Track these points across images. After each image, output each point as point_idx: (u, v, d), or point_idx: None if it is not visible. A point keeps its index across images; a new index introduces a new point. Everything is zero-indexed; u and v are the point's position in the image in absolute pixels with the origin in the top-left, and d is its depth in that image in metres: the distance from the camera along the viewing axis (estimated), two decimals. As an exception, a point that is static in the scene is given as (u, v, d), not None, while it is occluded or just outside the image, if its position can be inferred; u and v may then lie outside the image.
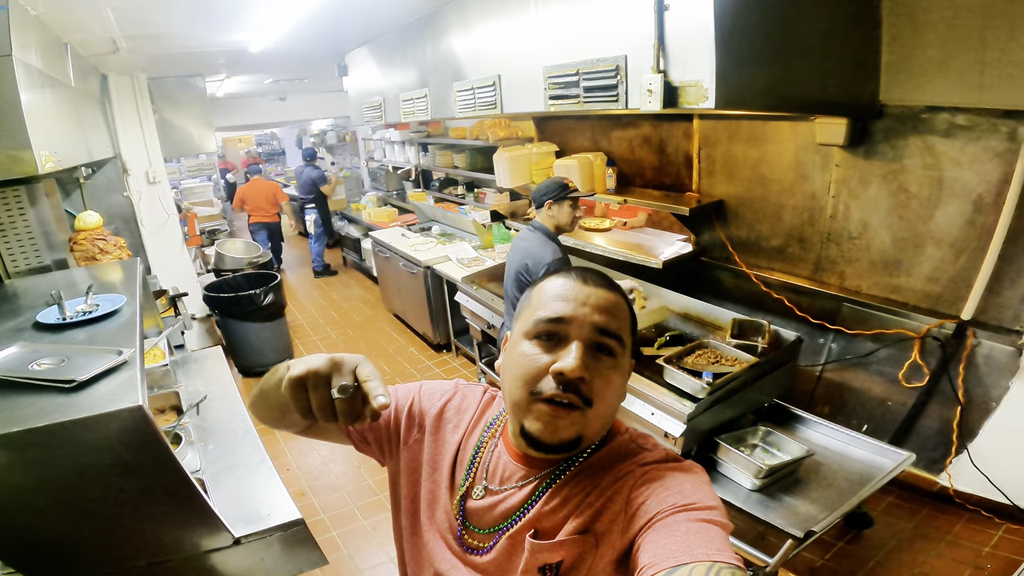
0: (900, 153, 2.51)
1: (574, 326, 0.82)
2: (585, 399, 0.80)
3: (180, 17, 2.85)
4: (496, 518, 0.89)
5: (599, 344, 0.82)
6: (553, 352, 0.82)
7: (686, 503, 0.75)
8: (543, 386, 0.80)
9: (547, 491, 0.86)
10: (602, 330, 0.82)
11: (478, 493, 0.92)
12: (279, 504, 1.93)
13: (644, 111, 1.80)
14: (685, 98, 1.71)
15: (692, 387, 2.32)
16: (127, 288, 2.08)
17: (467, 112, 2.99)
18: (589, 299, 0.84)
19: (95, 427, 1.27)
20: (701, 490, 0.78)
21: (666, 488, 0.78)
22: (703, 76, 1.65)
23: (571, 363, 0.78)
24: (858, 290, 2.83)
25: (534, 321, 0.84)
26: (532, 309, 0.86)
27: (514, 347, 0.87)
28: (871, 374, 2.84)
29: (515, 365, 0.84)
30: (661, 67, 1.76)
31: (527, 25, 2.44)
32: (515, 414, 0.85)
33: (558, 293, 0.85)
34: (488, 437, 0.97)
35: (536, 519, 0.85)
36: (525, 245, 2.86)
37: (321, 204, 7.80)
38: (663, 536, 0.72)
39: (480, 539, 0.90)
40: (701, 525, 0.72)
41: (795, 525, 2.02)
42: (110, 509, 1.42)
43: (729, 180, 3.22)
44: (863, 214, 2.69)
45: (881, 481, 2.19)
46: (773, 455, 2.36)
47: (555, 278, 0.89)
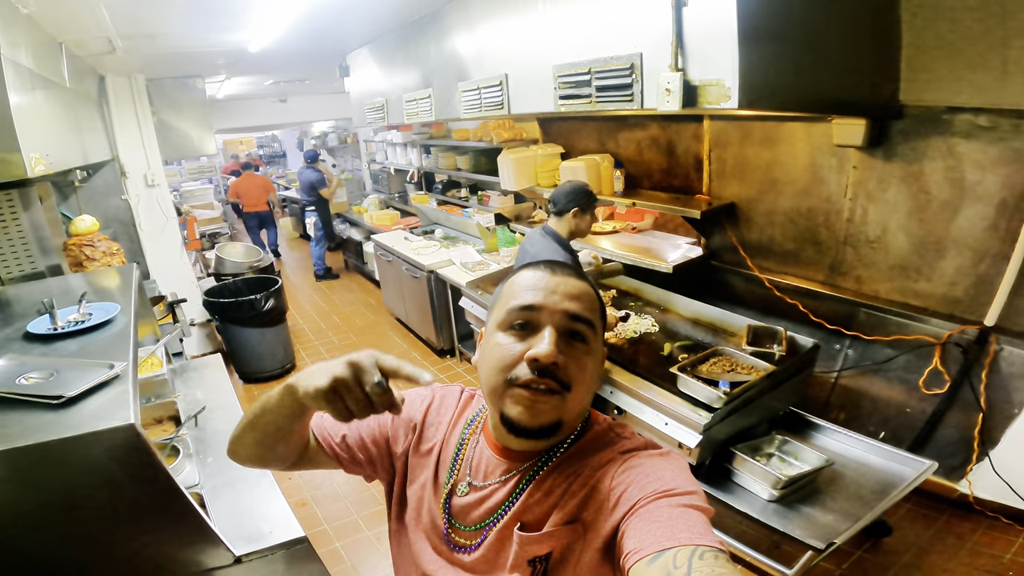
0: (920, 155, 2.43)
1: (545, 313, 0.84)
2: (562, 383, 0.82)
3: (176, 16, 2.79)
4: (482, 514, 0.90)
5: (571, 330, 0.84)
6: (527, 340, 0.83)
7: (667, 489, 0.76)
8: (519, 372, 0.82)
9: (531, 483, 0.87)
10: (573, 316, 0.84)
11: (463, 490, 0.93)
12: (281, 520, 1.86)
13: (662, 111, 1.73)
14: (705, 98, 1.63)
15: (708, 396, 2.24)
16: (122, 296, 2.01)
17: (473, 113, 2.91)
18: (559, 287, 0.86)
19: (84, 446, 1.20)
20: (681, 476, 0.79)
21: (647, 475, 0.79)
22: (725, 75, 1.58)
23: (545, 348, 0.80)
24: (876, 295, 2.75)
25: (507, 311, 0.86)
26: (504, 301, 0.88)
27: (489, 339, 0.89)
28: (889, 381, 2.77)
29: (490, 355, 0.86)
30: (679, 65, 1.69)
31: (535, 23, 2.36)
32: (493, 402, 0.86)
33: (528, 284, 0.87)
34: (469, 434, 0.98)
35: (522, 512, 0.86)
36: (535, 251, 2.74)
37: (321, 207, 7.68)
38: (646, 522, 0.73)
39: (467, 536, 0.92)
40: (683, 510, 0.73)
41: (815, 536, 1.95)
42: (102, 528, 1.36)
43: (741, 182, 3.14)
44: (881, 217, 2.62)
45: (904, 491, 2.13)
46: (790, 464, 2.30)
47: (525, 270, 0.91)
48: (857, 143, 2.51)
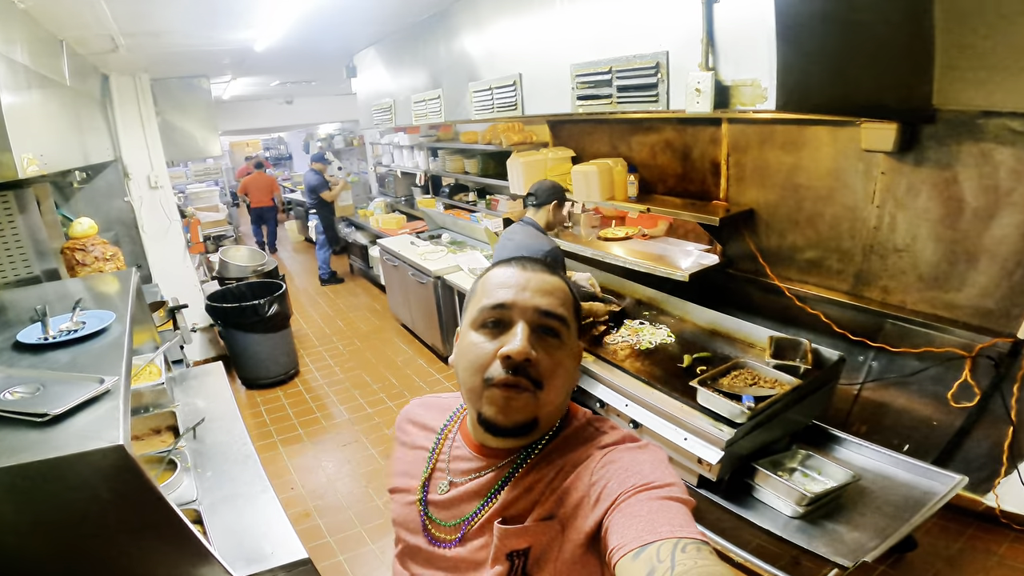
0: (953, 161, 2.33)
1: (517, 311, 0.84)
2: (535, 381, 0.82)
3: (179, 12, 2.72)
4: (462, 510, 0.90)
5: (544, 326, 0.85)
6: (500, 338, 0.84)
7: (645, 482, 0.76)
8: (493, 372, 0.82)
9: (510, 480, 0.87)
10: (545, 312, 0.84)
11: (443, 488, 0.94)
12: (283, 540, 1.77)
13: (690, 113, 1.62)
14: (739, 98, 1.53)
15: (730, 411, 2.15)
16: (118, 303, 1.92)
17: (484, 114, 2.82)
18: (530, 283, 0.86)
19: (69, 468, 1.13)
20: (659, 468, 0.79)
21: (625, 469, 0.79)
22: (761, 74, 1.48)
23: (517, 345, 0.80)
24: (903, 305, 2.64)
25: (479, 310, 0.86)
26: (476, 300, 0.89)
27: (463, 338, 0.89)
28: (915, 393, 2.66)
29: (465, 355, 0.86)
30: (710, 64, 1.59)
31: (552, 20, 2.27)
32: (471, 403, 0.87)
33: (500, 281, 0.88)
34: (446, 431, 0.99)
35: (502, 508, 0.86)
36: (520, 240, 2.92)
37: (323, 210, 7.58)
38: (627, 517, 0.73)
39: (446, 532, 0.92)
40: (662, 503, 0.73)
41: (842, 554, 1.87)
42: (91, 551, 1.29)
43: (760, 188, 3.04)
44: (911, 225, 2.51)
45: (936, 506, 2.03)
46: (814, 479, 2.21)
47: (496, 268, 0.92)
48: (887, 148, 2.40)
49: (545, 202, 3.01)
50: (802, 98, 1.56)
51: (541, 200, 3.01)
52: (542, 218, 3.02)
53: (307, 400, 4.59)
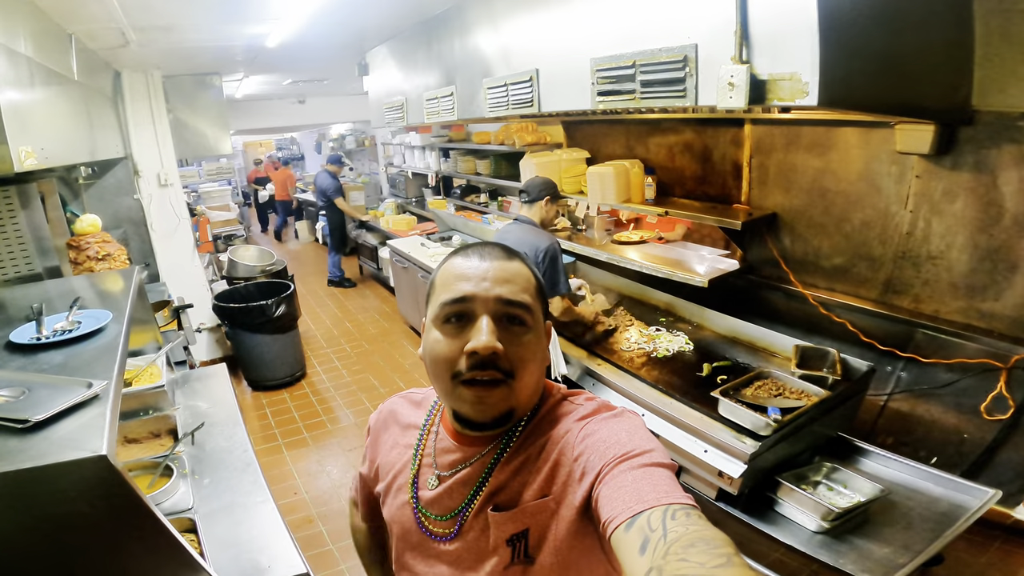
0: (992, 164, 2.22)
1: (478, 303, 0.83)
2: (506, 372, 0.81)
3: (190, 5, 2.65)
4: (454, 502, 0.90)
5: (508, 315, 0.83)
6: (464, 333, 0.82)
7: (625, 452, 0.76)
8: (461, 366, 0.81)
9: (496, 464, 0.87)
10: (507, 301, 0.83)
11: (432, 483, 0.92)
12: (282, 552, 1.70)
13: (723, 108, 1.52)
14: (776, 93, 1.43)
15: (754, 423, 2.05)
16: (118, 302, 1.85)
17: (499, 111, 2.73)
18: (488, 273, 0.84)
19: (49, 478, 1.06)
20: (637, 435, 0.79)
21: (604, 441, 0.79)
22: (801, 68, 1.38)
23: (482, 340, 0.79)
24: (936, 315, 2.52)
25: (439, 305, 0.85)
26: (437, 294, 0.87)
27: (428, 335, 0.87)
28: (946, 405, 2.54)
29: (432, 352, 0.85)
30: (744, 57, 1.49)
31: (571, 13, 2.18)
32: (445, 399, 0.89)
33: (457, 273, 0.86)
34: (428, 425, 0.99)
35: (492, 494, 0.86)
36: (515, 237, 2.89)
37: (332, 212, 7.41)
38: (613, 489, 0.73)
39: (443, 525, 0.91)
40: (644, 471, 0.73)
41: (870, 571, 1.78)
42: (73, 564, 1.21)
43: (785, 191, 2.93)
44: (946, 231, 2.39)
45: (968, 521, 1.93)
46: (840, 493, 2.10)
47: (453, 259, 0.90)
48: (923, 150, 2.29)
49: (537, 198, 2.98)
50: (845, 95, 1.46)
51: (533, 196, 2.99)
52: (536, 214, 3.01)
53: (313, 403, 4.52)
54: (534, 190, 3.00)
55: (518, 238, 2.88)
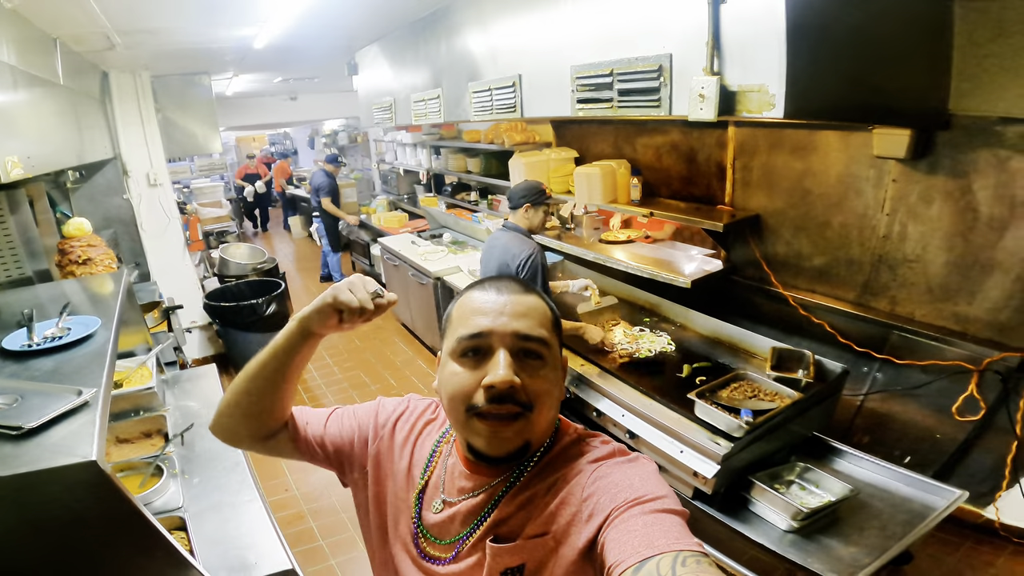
0: (967, 168, 2.26)
1: (495, 337, 0.83)
2: (523, 405, 0.81)
3: (174, 10, 2.67)
4: (456, 528, 0.90)
5: (525, 350, 0.84)
6: (481, 367, 0.83)
7: (637, 496, 0.76)
8: (477, 400, 0.81)
9: (503, 497, 0.87)
10: (524, 336, 0.84)
11: (437, 506, 0.93)
12: (269, 550, 1.74)
13: (693, 119, 1.56)
14: (745, 105, 1.47)
15: (728, 425, 2.10)
16: (106, 307, 1.89)
17: (483, 115, 2.77)
18: (505, 308, 0.85)
19: (41, 483, 1.11)
20: (650, 481, 0.79)
21: (616, 485, 0.79)
22: (769, 80, 1.41)
23: (499, 375, 0.80)
24: (911, 317, 2.58)
25: (457, 340, 0.85)
26: (454, 328, 0.88)
27: (444, 367, 0.88)
28: (919, 406, 2.60)
29: (448, 385, 0.86)
30: (716, 68, 1.52)
31: (552, 20, 2.21)
32: (459, 431, 0.88)
33: (475, 308, 0.87)
34: (440, 448, 0.99)
35: (494, 525, 0.86)
36: (502, 244, 2.91)
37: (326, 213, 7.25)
38: (622, 533, 0.72)
39: (441, 549, 0.91)
40: (656, 516, 0.73)
41: (836, 570, 1.81)
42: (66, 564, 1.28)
43: (767, 193, 2.97)
44: (922, 234, 2.44)
45: (932, 522, 1.97)
46: (812, 493, 2.14)
47: (469, 292, 0.91)
48: (900, 155, 2.33)
49: (517, 205, 2.96)
50: (812, 105, 1.49)
51: (514, 203, 2.98)
52: (521, 220, 2.99)
53: (304, 400, 4.56)
54: (515, 196, 3.00)
55: (503, 246, 2.89)
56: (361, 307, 0.93)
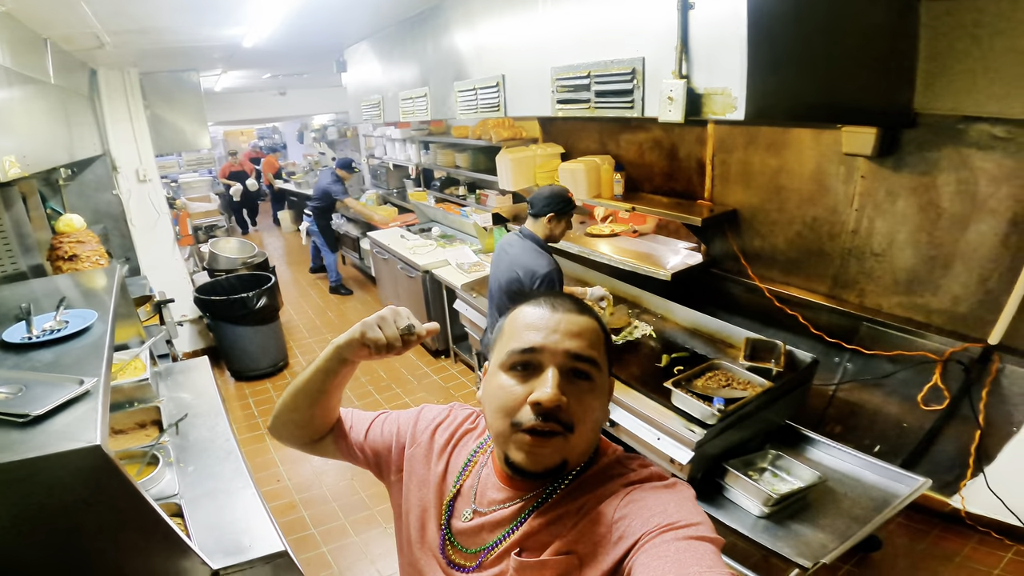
0: (932, 166, 2.36)
1: (547, 354, 0.83)
2: (566, 425, 0.81)
3: (164, 11, 2.70)
4: (483, 538, 0.91)
5: (575, 370, 0.83)
6: (529, 382, 0.83)
7: (670, 522, 0.75)
8: (522, 417, 0.81)
9: (533, 512, 0.87)
10: (575, 356, 0.83)
11: (467, 515, 0.94)
12: (261, 533, 1.81)
13: (663, 121, 1.64)
14: (710, 107, 1.55)
15: (702, 413, 2.19)
16: (101, 301, 1.95)
17: (468, 113, 2.84)
18: (560, 326, 0.85)
19: (48, 467, 1.17)
20: (685, 507, 0.78)
21: (649, 509, 0.78)
22: (731, 83, 1.48)
23: (547, 393, 0.79)
24: (879, 309, 2.69)
25: (508, 353, 0.86)
26: (505, 341, 0.88)
27: (491, 379, 0.88)
28: (887, 395, 2.71)
29: (493, 398, 0.86)
30: (684, 72, 1.60)
31: (534, 22, 2.28)
32: (499, 444, 0.88)
33: (529, 323, 0.86)
34: (477, 455, 0.99)
35: (522, 539, 0.86)
36: (515, 253, 2.73)
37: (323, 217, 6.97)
38: (653, 559, 0.71)
39: (466, 558, 0.92)
40: (689, 543, 0.72)
41: (803, 555, 1.91)
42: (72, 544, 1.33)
43: (744, 189, 3.07)
44: (888, 229, 2.55)
45: (894, 509, 2.08)
46: (783, 480, 2.25)
47: (525, 307, 0.90)
48: (867, 152, 2.43)
49: (540, 213, 2.69)
50: (773, 107, 1.56)
51: (537, 210, 2.71)
52: (540, 230, 2.73)
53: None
54: (539, 203, 2.70)
55: (517, 257, 2.70)
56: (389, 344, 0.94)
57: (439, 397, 4.36)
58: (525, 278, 2.64)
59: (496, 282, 2.87)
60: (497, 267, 2.86)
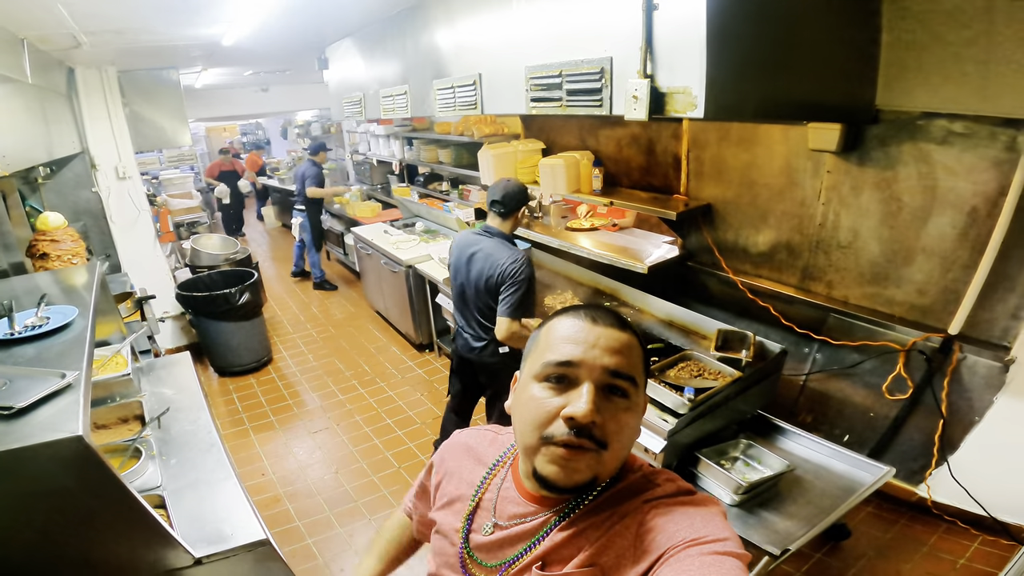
0: (894, 161, 2.44)
1: (584, 369, 0.81)
2: (599, 442, 0.79)
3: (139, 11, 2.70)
4: (505, 552, 0.89)
5: (611, 386, 0.81)
6: (564, 394, 0.81)
7: (696, 537, 0.74)
8: (554, 430, 0.79)
9: (557, 526, 0.85)
10: (614, 372, 0.81)
11: (487, 529, 0.92)
12: (243, 522, 1.85)
13: (629, 119, 1.70)
14: (672, 106, 1.60)
15: (674, 402, 2.25)
16: (81, 298, 1.97)
17: (447, 111, 2.88)
18: (599, 340, 0.82)
19: (32, 457, 1.21)
20: (712, 522, 0.77)
21: (675, 523, 0.77)
22: (692, 82, 1.54)
23: (583, 408, 0.77)
24: (845, 300, 2.78)
25: (543, 364, 0.83)
26: (540, 351, 0.85)
27: (524, 389, 0.86)
28: (855, 385, 2.80)
29: (525, 408, 0.84)
30: (648, 71, 1.65)
31: (510, 22, 2.33)
32: (527, 456, 0.85)
33: (567, 335, 0.84)
34: (497, 469, 0.98)
35: (545, 553, 0.85)
36: (490, 252, 2.74)
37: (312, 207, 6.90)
38: (677, 572, 0.70)
39: (486, 572, 0.91)
40: (715, 558, 0.71)
41: (772, 542, 1.97)
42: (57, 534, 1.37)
43: (718, 183, 3.15)
44: (853, 222, 2.63)
45: (859, 497, 2.15)
46: (754, 469, 2.31)
47: (564, 318, 0.87)
48: (832, 148, 2.51)
49: (515, 210, 2.78)
50: (733, 105, 1.61)
51: (510, 208, 2.77)
52: (510, 226, 2.82)
53: (279, 387, 4.65)
54: (510, 202, 2.76)
55: (492, 255, 2.72)
56: None
57: (423, 391, 4.41)
58: (511, 269, 2.64)
59: (472, 285, 2.82)
60: (469, 268, 2.82)
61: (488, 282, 2.73)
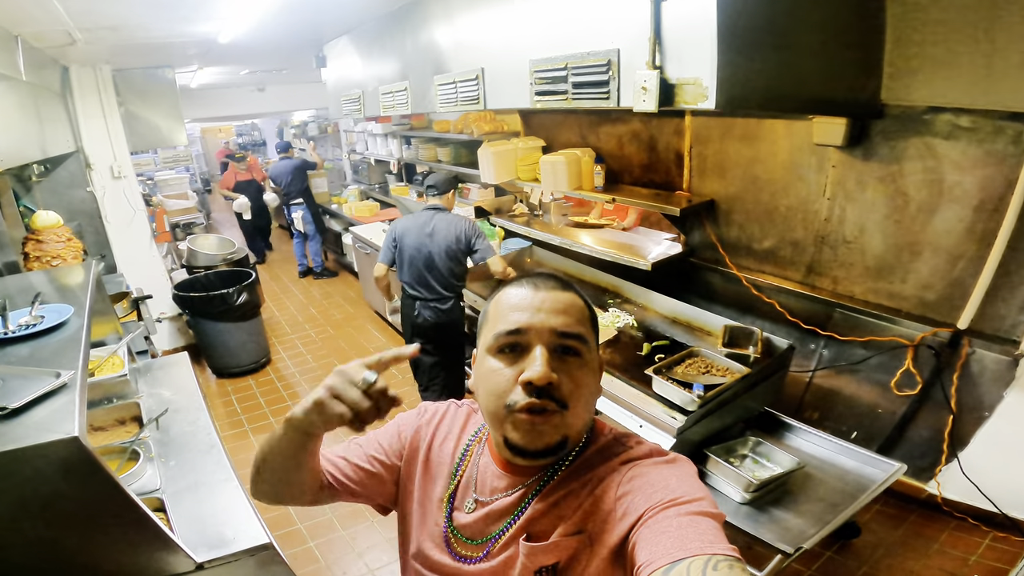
0: (899, 155, 2.42)
1: (533, 334, 0.83)
2: (560, 402, 0.81)
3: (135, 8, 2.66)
4: (489, 527, 0.90)
5: (563, 347, 0.83)
6: (519, 362, 0.83)
7: (673, 498, 0.75)
8: (516, 398, 0.81)
9: (536, 496, 0.87)
10: (562, 333, 0.83)
11: (469, 506, 0.93)
12: (245, 526, 1.80)
13: (638, 110, 1.67)
14: (682, 97, 1.57)
15: (682, 399, 2.23)
16: (77, 297, 1.93)
17: (448, 107, 2.85)
18: (544, 304, 0.85)
19: (27, 459, 1.17)
20: (687, 482, 0.79)
21: (652, 484, 0.78)
22: (703, 73, 1.51)
23: (537, 371, 0.79)
24: (851, 295, 2.75)
25: (494, 336, 0.85)
26: (491, 324, 0.87)
27: (481, 364, 0.88)
28: (862, 381, 2.78)
29: (485, 381, 0.86)
30: (657, 63, 1.62)
31: (513, 15, 2.30)
32: (496, 427, 0.86)
33: (512, 304, 0.86)
34: (471, 449, 0.98)
35: (528, 524, 0.86)
36: (449, 222, 3.28)
37: (310, 198, 7.18)
38: (656, 533, 0.72)
39: (471, 549, 0.91)
40: (692, 518, 0.72)
41: (785, 540, 1.95)
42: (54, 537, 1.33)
43: (721, 179, 3.12)
44: (859, 217, 2.61)
45: (871, 494, 2.13)
46: (763, 466, 2.29)
47: (508, 289, 0.90)
48: (837, 142, 2.48)
49: (448, 189, 3.44)
50: (743, 96, 1.59)
51: (444, 189, 3.42)
52: (448, 203, 3.44)
53: (279, 388, 4.60)
54: (443, 185, 3.43)
55: (451, 225, 3.26)
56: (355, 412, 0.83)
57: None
58: (469, 234, 3.25)
59: (440, 252, 3.27)
60: (433, 238, 3.27)
61: (457, 243, 3.25)
